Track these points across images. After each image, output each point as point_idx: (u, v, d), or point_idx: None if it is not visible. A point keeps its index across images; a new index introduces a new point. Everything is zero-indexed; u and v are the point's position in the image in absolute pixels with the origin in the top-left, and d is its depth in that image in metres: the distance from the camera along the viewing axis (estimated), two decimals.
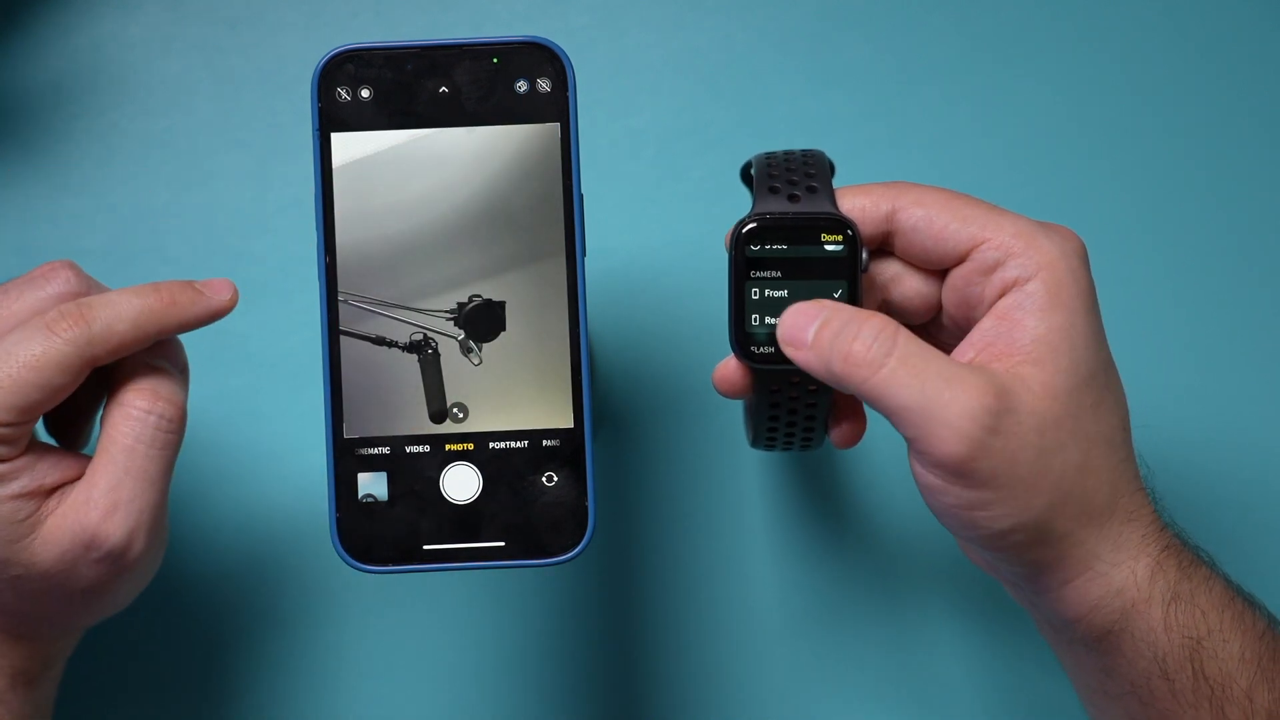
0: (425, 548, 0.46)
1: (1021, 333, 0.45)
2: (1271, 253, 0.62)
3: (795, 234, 0.47)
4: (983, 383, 0.44)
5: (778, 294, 0.47)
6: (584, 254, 0.47)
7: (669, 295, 0.62)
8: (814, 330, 0.46)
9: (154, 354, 0.49)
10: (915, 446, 0.44)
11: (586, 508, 0.46)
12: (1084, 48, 0.63)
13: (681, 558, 0.61)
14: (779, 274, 0.47)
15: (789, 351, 0.46)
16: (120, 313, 0.47)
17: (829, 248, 0.47)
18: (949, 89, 0.63)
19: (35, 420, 0.47)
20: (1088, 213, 0.61)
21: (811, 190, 0.47)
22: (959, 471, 0.44)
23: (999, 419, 0.44)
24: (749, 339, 0.47)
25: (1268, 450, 0.61)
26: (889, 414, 0.44)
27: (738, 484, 0.61)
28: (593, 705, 0.60)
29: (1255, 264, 0.62)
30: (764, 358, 0.47)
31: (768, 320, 0.47)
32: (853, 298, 0.47)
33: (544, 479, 0.47)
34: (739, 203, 0.61)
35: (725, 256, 0.61)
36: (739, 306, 0.47)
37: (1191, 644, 0.45)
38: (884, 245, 0.48)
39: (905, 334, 0.45)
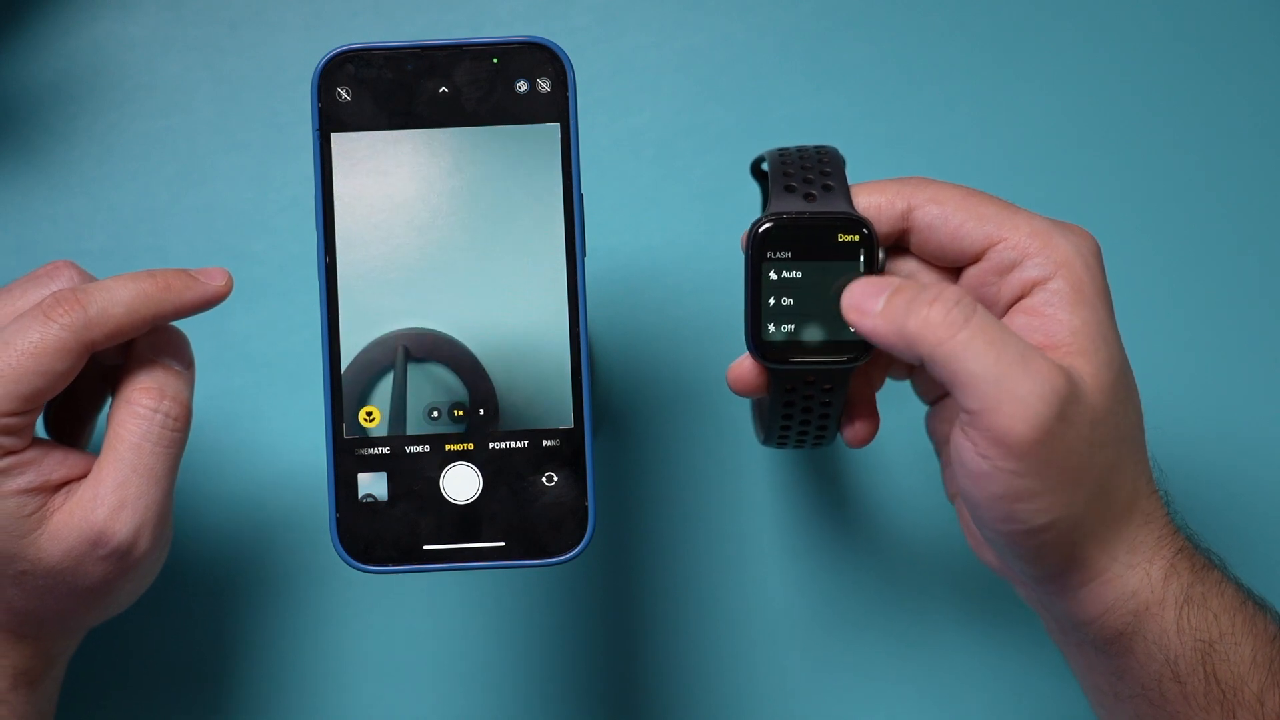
0: (425, 548, 0.46)
1: (1056, 327, 0.45)
2: (1274, 251, 0.62)
3: (811, 233, 0.47)
4: (1055, 367, 0.43)
5: (794, 294, 0.47)
6: (584, 254, 0.47)
7: (669, 295, 0.62)
8: (885, 297, 0.45)
9: (160, 351, 0.49)
10: (978, 421, 0.43)
11: (587, 508, 0.46)
12: (1084, 48, 0.63)
13: (682, 558, 0.61)
14: (796, 274, 0.47)
15: (852, 318, 0.45)
16: (115, 297, 0.47)
17: (845, 247, 0.47)
18: (949, 89, 0.63)
19: (39, 410, 0.47)
20: (1088, 212, 0.61)
21: (827, 188, 0.47)
22: (1021, 453, 0.43)
23: (1068, 406, 0.43)
24: (765, 339, 0.47)
25: (1275, 450, 0.61)
26: (957, 382, 0.43)
27: (739, 483, 0.61)
28: (593, 705, 0.60)
29: (1259, 263, 0.62)
30: (780, 358, 0.47)
31: (784, 320, 0.47)
32: None
33: (544, 479, 0.47)
34: (740, 202, 0.61)
35: (726, 256, 0.61)
36: (755, 306, 0.47)
37: (1203, 647, 0.45)
38: (900, 242, 0.48)
39: (982, 307, 0.44)
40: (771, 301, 0.47)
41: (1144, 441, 0.47)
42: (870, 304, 0.45)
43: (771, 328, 0.47)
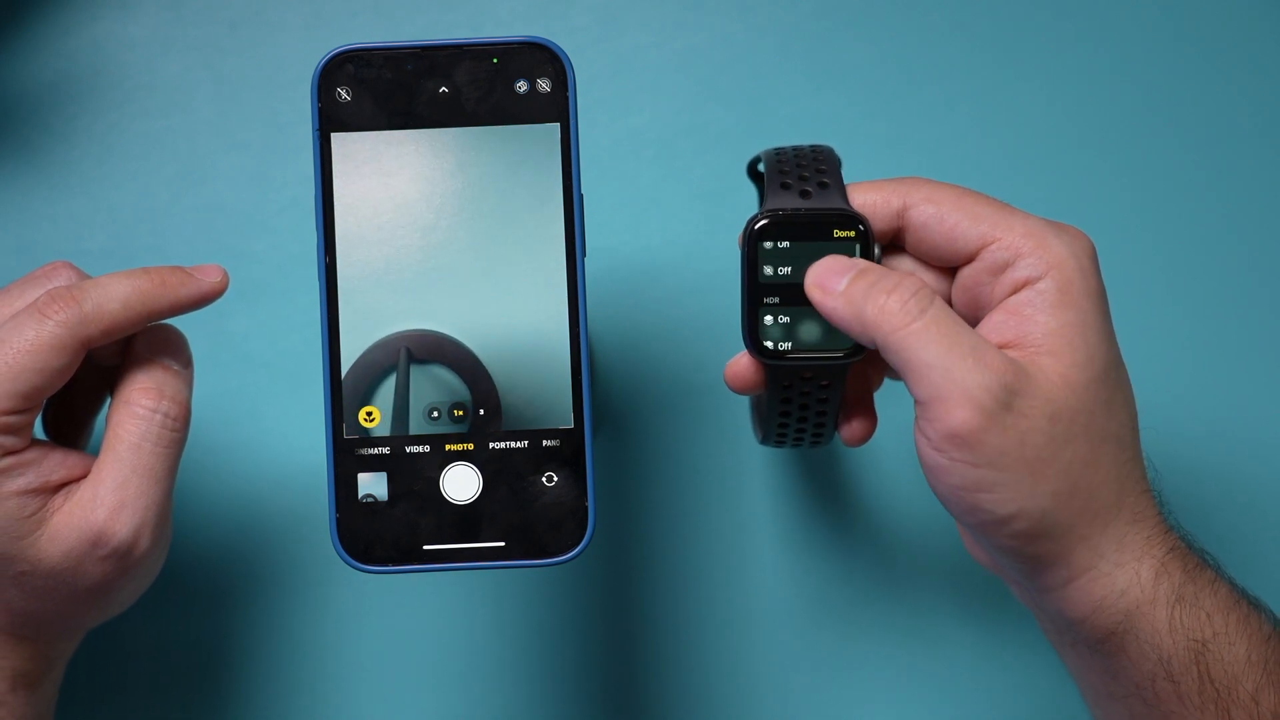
0: (425, 548, 0.46)
1: (1033, 327, 0.45)
2: (1273, 251, 0.62)
3: (807, 229, 0.47)
4: (1006, 362, 0.44)
5: (790, 290, 0.47)
6: (584, 254, 0.47)
7: (669, 295, 0.62)
8: (848, 278, 0.46)
9: (158, 351, 0.49)
10: (926, 411, 0.44)
11: (586, 508, 0.46)
12: (1084, 47, 0.63)
13: (682, 557, 0.61)
14: (791, 270, 0.47)
15: (814, 295, 0.46)
16: (110, 293, 0.47)
17: (841, 243, 0.47)
18: (949, 89, 0.63)
19: (37, 409, 0.47)
20: (1087, 212, 0.61)
21: (823, 186, 0.47)
22: (966, 442, 0.43)
23: (1015, 397, 0.44)
24: (762, 335, 0.47)
25: (1273, 449, 0.61)
26: (909, 369, 0.44)
27: (739, 483, 0.61)
28: (593, 705, 0.60)
29: (1258, 263, 0.62)
30: (777, 354, 0.47)
31: (780, 316, 0.47)
32: None
33: (544, 479, 0.47)
34: (740, 202, 0.61)
35: (726, 256, 0.61)
36: (751, 302, 0.47)
37: (1197, 646, 0.45)
38: (895, 241, 0.48)
39: (940, 300, 0.45)
40: (767, 297, 0.47)
41: (1134, 441, 0.47)
42: (833, 283, 0.46)
43: (768, 324, 0.47)
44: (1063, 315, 0.45)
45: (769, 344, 0.47)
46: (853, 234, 0.47)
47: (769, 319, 0.47)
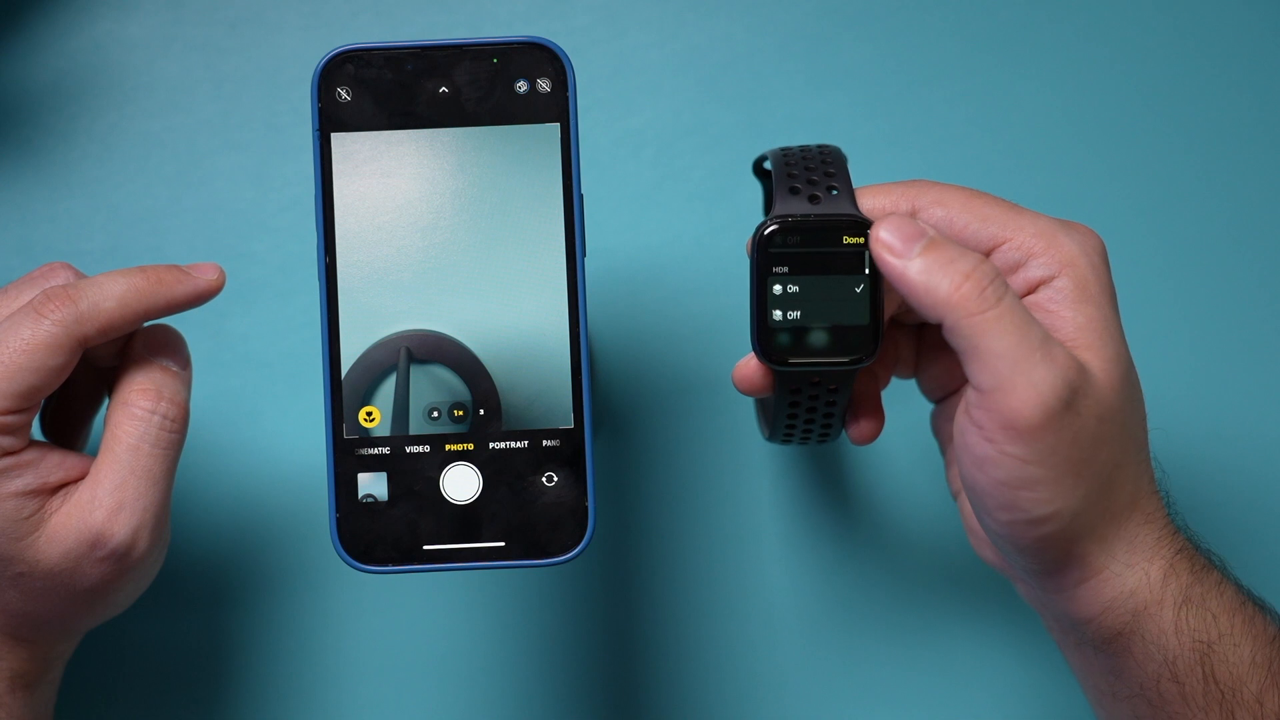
0: (425, 548, 0.46)
1: (1061, 323, 0.45)
2: (1276, 249, 0.62)
3: (817, 235, 0.47)
4: (1071, 358, 0.44)
5: (799, 296, 0.47)
6: (584, 254, 0.47)
7: (669, 295, 0.62)
8: (922, 244, 0.44)
9: (156, 352, 0.49)
10: (988, 401, 0.43)
11: (587, 508, 0.46)
12: (1084, 47, 0.63)
13: (682, 558, 0.61)
14: (801, 277, 0.47)
15: (882, 254, 0.44)
16: (106, 291, 0.47)
17: (851, 250, 0.47)
18: (949, 89, 0.63)
19: (35, 409, 0.47)
20: (1089, 212, 0.61)
21: (831, 190, 0.47)
22: (1028, 437, 0.43)
23: (1077, 397, 0.43)
24: (771, 340, 0.47)
25: (1276, 449, 0.61)
26: (975, 355, 0.43)
27: (739, 483, 0.61)
28: (593, 706, 0.60)
29: (1260, 262, 0.62)
30: (785, 360, 0.47)
31: (789, 322, 0.47)
32: (874, 298, 0.47)
33: (544, 479, 0.47)
34: (740, 202, 0.61)
35: (726, 256, 0.61)
36: (761, 308, 0.47)
37: (1202, 648, 0.45)
38: None
39: (1012, 288, 0.44)
40: (777, 304, 0.47)
41: (1147, 441, 0.47)
42: (906, 248, 0.44)
43: (777, 330, 0.47)
44: (1087, 310, 0.45)
45: (778, 349, 0.47)
46: (863, 240, 0.46)
47: (778, 325, 0.47)
